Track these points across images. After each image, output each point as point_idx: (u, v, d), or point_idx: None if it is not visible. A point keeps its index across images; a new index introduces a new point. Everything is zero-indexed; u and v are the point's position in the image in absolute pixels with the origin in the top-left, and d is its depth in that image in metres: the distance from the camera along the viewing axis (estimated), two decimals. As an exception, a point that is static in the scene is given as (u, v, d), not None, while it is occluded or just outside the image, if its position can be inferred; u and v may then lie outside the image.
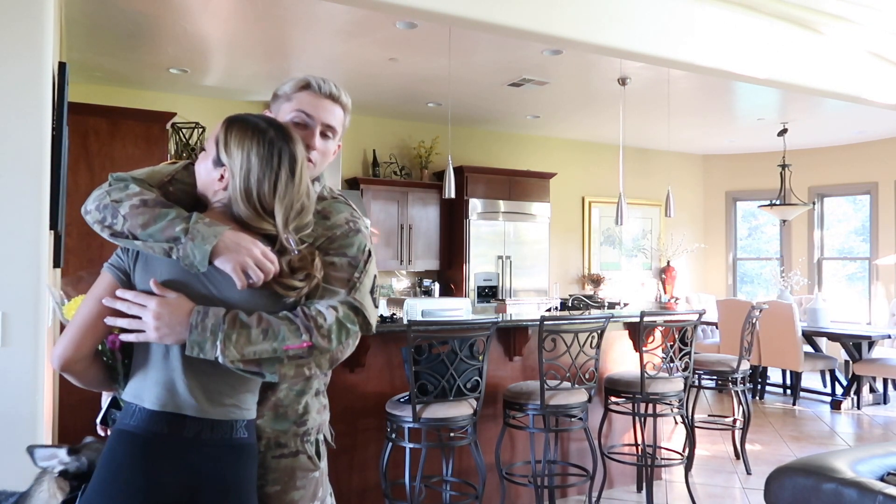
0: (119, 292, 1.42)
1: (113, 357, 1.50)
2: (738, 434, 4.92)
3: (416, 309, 5.90)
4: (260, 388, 1.54)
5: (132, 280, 1.45)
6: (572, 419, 3.78)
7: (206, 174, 1.50)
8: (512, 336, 3.97)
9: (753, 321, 4.84)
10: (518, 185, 7.77)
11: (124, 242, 1.46)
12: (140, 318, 1.39)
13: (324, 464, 1.69)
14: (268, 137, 1.46)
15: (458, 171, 7.24)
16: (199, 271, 1.41)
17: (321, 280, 1.48)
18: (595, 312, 4.97)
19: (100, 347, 1.49)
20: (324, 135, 1.65)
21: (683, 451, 4.46)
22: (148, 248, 1.43)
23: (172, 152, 6.34)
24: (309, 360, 1.43)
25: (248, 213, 1.45)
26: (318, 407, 1.67)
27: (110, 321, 1.41)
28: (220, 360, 1.37)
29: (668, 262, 9.33)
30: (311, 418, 1.65)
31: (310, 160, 1.59)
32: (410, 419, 3.19)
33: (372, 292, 1.58)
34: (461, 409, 3.29)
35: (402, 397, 3.34)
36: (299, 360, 1.42)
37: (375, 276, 1.62)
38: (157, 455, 1.38)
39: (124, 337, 1.42)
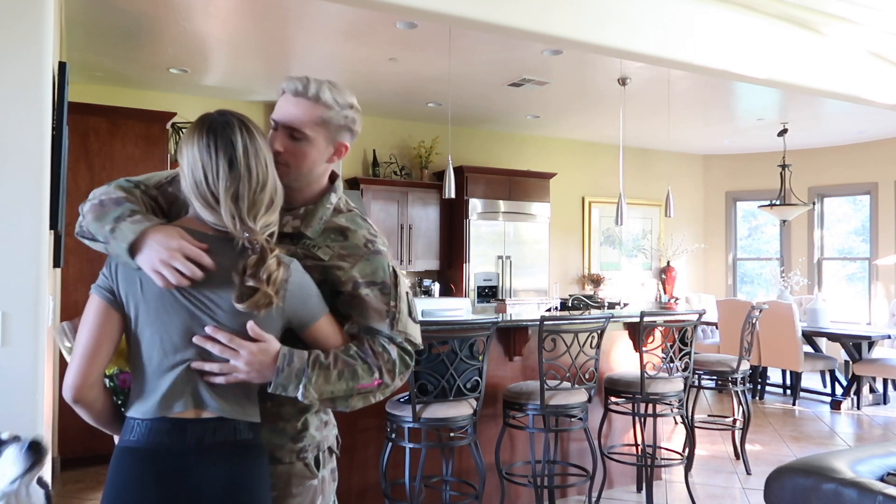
0: (211, 331, 1.38)
1: (125, 395, 1.47)
2: (738, 434, 4.92)
3: (416, 309, 5.89)
4: (258, 398, 1.50)
5: (118, 296, 1.40)
6: (572, 419, 3.78)
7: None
8: (512, 336, 3.97)
9: (753, 321, 4.84)
10: (518, 185, 7.77)
11: (89, 242, 1.46)
12: (228, 358, 1.40)
13: (325, 472, 1.63)
14: (205, 127, 1.40)
15: (458, 171, 7.24)
16: (135, 268, 1.39)
17: (276, 292, 1.37)
18: (595, 312, 4.97)
19: (109, 384, 1.47)
20: (291, 137, 1.54)
21: (683, 451, 4.46)
22: (98, 247, 1.43)
23: (172, 152, 6.35)
24: (376, 393, 1.54)
25: (199, 207, 1.39)
26: (317, 424, 1.61)
27: (196, 366, 1.39)
28: (300, 398, 1.45)
29: (668, 263, 9.33)
30: (309, 435, 1.59)
31: (279, 163, 1.51)
32: (410, 419, 3.19)
33: (410, 313, 1.60)
34: (461, 409, 3.29)
35: (402, 397, 3.34)
36: (368, 394, 1.53)
37: (408, 293, 1.62)
38: (163, 466, 1.35)
39: (216, 379, 1.39)
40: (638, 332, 3.98)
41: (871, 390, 6.84)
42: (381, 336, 1.55)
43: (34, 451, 1.64)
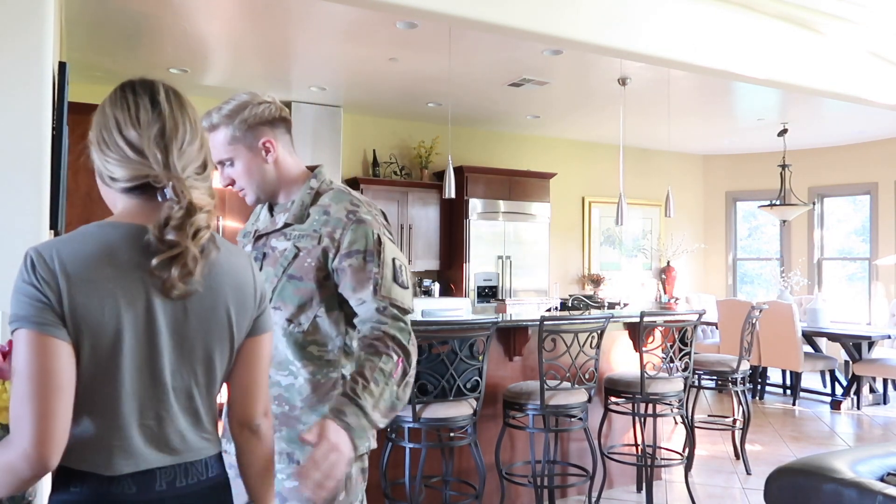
0: (309, 468, 1.33)
1: None
2: (737, 434, 4.92)
3: (416, 309, 5.90)
4: (283, 403, 1.56)
5: (66, 320, 1.08)
6: (572, 419, 3.78)
7: None
8: (512, 336, 3.97)
9: (753, 321, 4.84)
10: (518, 185, 7.77)
11: None
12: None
13: (354, 469, 1.63)
14: (119, 86, 1.25)
15: (458, 171, 7.23)
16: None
17: (202, 252, 1.16)
18: (595, 312, 4.97)
19: None
20: (224, 166, 1.67)
21: (683, 451, 4.46)
22: None
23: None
24: (408, 372, 1.56)
25: (115, 165, 1.18)
26: None
27: (311, 495, 1.34)
28: (379, 427, 1.51)
29: (668, 263, 9.33)
30: None
31: (238, 191, 1.68)
32: (410, 419, 3.19)
33: (396, 278, 1.60)
34: (461, 409, 3.29)
35: (402, 397, 3.33)
36: (403, 378, 1.54)
37: (395, 259, 1.63)
38: None
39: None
40: (638, 332, 3.98)
41: (871, 390, 6.84)
42: (371, 319, 1.57)
43: None
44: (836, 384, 6.97)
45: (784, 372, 7.31)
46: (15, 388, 1.06)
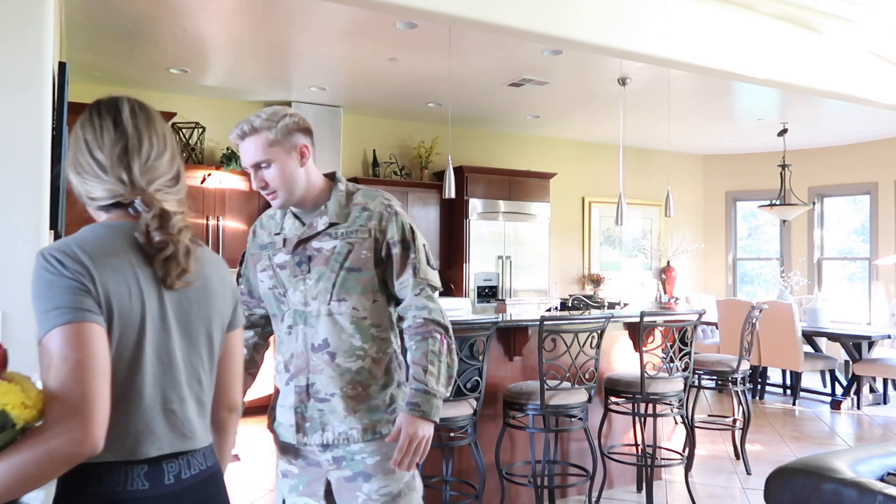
0: (398, 459, 1.76)
1: None
2: (738, 434, 4.92)
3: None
4: (356, 386, 1.81)
5: (101, 305, 1.12)
6: (572, 419, 3.77)
7: None
8: (512, 336, 3.97)
9: (753, 321, 4.84)
10: (518, 185, 7.77)
11: None
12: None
13: None
14: (88, 107, 1.28)
15: (458, 171, 7.23)
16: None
17: (191, 249, 1.26)
18: (595, 312, 4.96)
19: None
20: (260, 168, 1.80)
21: (683, 451, 4.46)
22: None
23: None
24: (451, 345, 1.89)
25: (92, 185, 1.23)
26: (402, 396, 1.89)
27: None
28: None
29: (668, 263, 9.33)
30: (399, 406, 1.88)
31: (271, 194, 1.82)
32: (410, 419, 3.19)
33: (428, 261, 1.90)
34: (461, 409, 3.29)
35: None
36: (450, 347, 1.88)
37: (424, 245, 1.91)
38: None
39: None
40: (638, 332, 3.98)
41: (871, 390, 6.84)
42: (411, 306, 1.86)
43: None
44: (836, 384, 6.97)
45: (784, 372, 7.31)
46: (61, 375, 1.07)
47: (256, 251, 1.96)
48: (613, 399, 4.05)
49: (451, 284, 7.54)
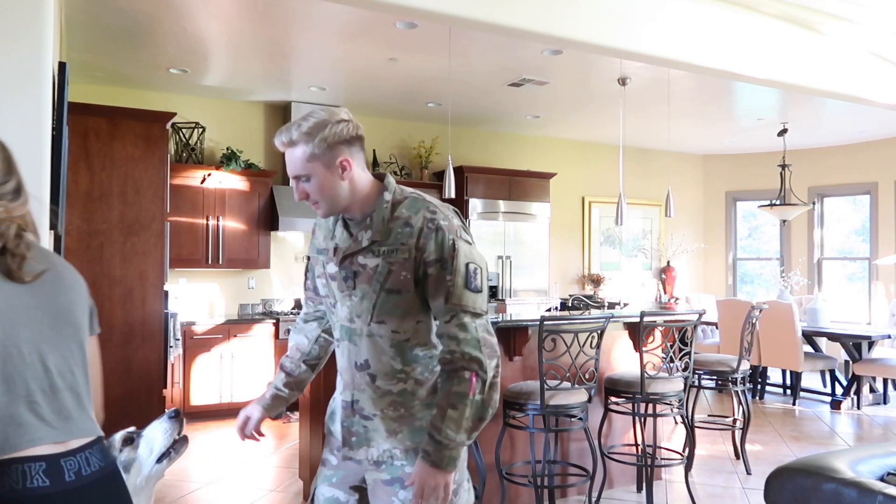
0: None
1: None
2: (738, 434, 4.92)
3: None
4: (398, 408, 1.74)
5: None
6: (572, 419, 3.77)
7: None
8: (512, 336, 3.97)
9: (753, 321, 4.84)
10: (518, 185, 7.77)
11: None
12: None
13: (464, 461, 1.82)
14: None
15: (458, 171, 7.24)
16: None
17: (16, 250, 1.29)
18: (595, 312, 4.96)
19: None
20: (301, 181, 1.71)
21: (683, 451, 4.46)
22: None
23: (172, 152, 6.35)
24: (485, 381, 1.67)
25: None
26: None
27: None
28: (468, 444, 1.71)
29: (668, 263, 9.33)
30: None
31: (314, 204, 1.74)
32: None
33: (468, 284, 1.69)
34: (461, 409, 3.28)
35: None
36: (483, 389, 1.67)
37: (469, 264, 1.70)
38: None
39: None
40: (638, 332, 3.98)
41: (871, 390, 6.84)
42: (444, 335, 1.69)
43: (177, 419, 1.74)
44: (836, 384, 6.97)
45: (784, 372, 7.31)
46: None
47: (314, 255, 1.90)
48: (613, 399, 4.05)
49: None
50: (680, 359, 4.03)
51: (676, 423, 5.76)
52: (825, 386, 7.31)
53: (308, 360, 2.03)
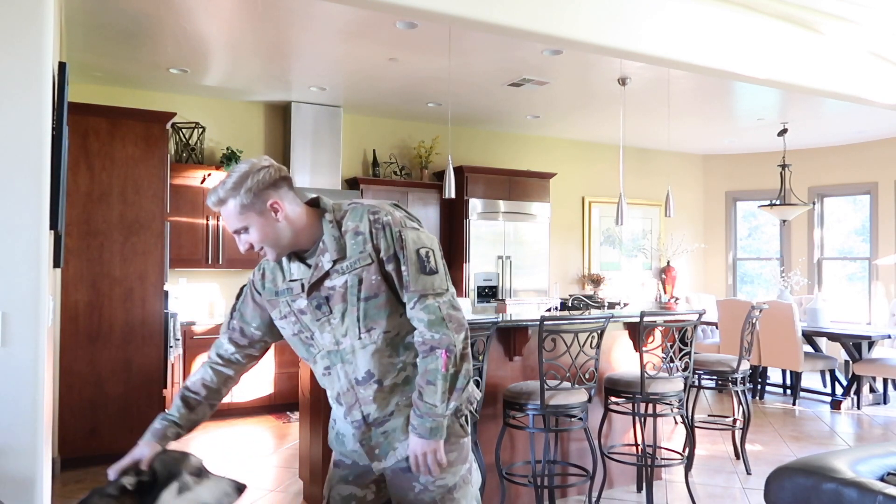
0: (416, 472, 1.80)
1: None
2: (738, 434, 4.92)
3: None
4: (407, 395, 1.82)
5: None
6: (572, 419, 3.77)
7: None
8: (512, 336, 3.97)
9: (753, 321, 4.84)
10: (518, 185, 7.77)
11: None
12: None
13: (467, 439, 1.93)
14: None
15: (458, 171, 7.24)
16: None
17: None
18: (595, 312, 4.96)
19: None
20: (240, 233, 1.77)
21: (683, 451, 4.46)
22: None
23: (172, 152, 6.35)
24: (455, 354, 1.78)
25: None
26: None
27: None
28: (453, 410, 1.82)
29: (668, 262, 9.33)
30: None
31: (261, 252, 1.80)
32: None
33: (423, 268, 1.78)
34: (461, 409, 3.28)
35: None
36: (458, 356, 1.78)
37: (418, 249, 1.79)
38: None
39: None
40: (638, 332, 3.98)
41: (871, 390, 6.84)
42: (413, 318, 1.78)
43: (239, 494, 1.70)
44: (836, 384, 6.97)
45: (784, 372, 7.31)
46: None
47: (272, 297, 1.90)
48: (613, 399, 4.05)
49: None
50: (680, 359, 4.03)
51: (676, 423, 5.77)
52: (825, 386, 7.31)
53: (211, 400, 1.95)
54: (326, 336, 1.83)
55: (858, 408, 6.60)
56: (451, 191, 5.14)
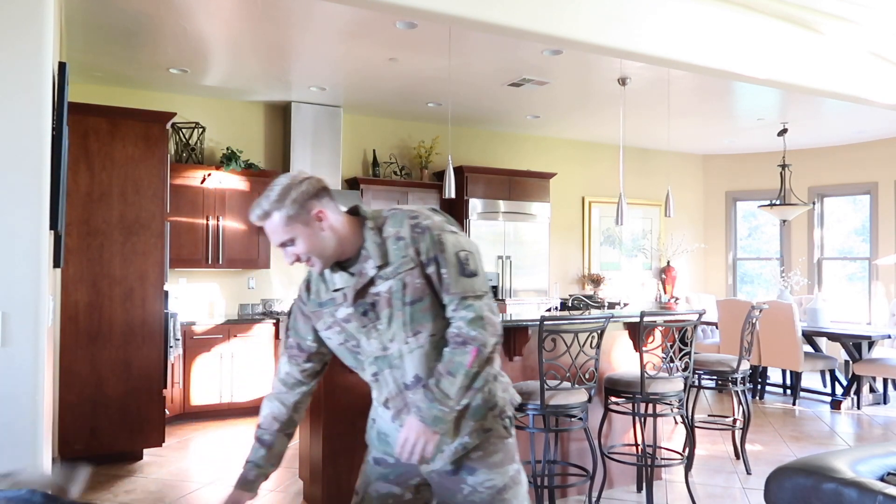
0: (400, 451, 1.77)
1: None
2: (738, 434, 4.92)
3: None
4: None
5: None
6: (572, 419, 3.77)
7: None
8: (512, 336, 3.97)
9: (753, 321, 4.84)
10: (518, 185, 7.77)
11: None
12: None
13: (512, 440, 1.94)
14: None
15: (458, 171, 7.24)
16: None
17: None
18: (595, 312, 4.96)
19: None
20: (286, 245, 1.77)
21: (683, 451, 4.46)
22: None
23: (172, 152, 6.35)
24: (484, 355, 1.77)
25: None
26: (501, 388, 1.95)
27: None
28: (460, 406, 1.80)
29: (668, 262, 9.33)
30: (499, 398, 1.93)
31: (308, 263, 1.80)
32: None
33: (462, 271, 1.80)
34: (461, 409, 3.28)
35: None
36: (486, 359, 1.78)
37: (458, 252, 1.81)
38: None
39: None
40: (638, 332, 3.98)
41: (871, 390, 6.84)
42: (452, 318, 1.80)
43: None
44: (836, 384, 6.97)
45: (784, 372, 7.31)
46: None
47: (316, 309, 1.91)
48: (613, 399, 4.05)
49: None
50: (680, 359, 4.03)
51: (676, 423, 5.76)
52: (825, 386, 7.31)
53: (286, 430, 2.00)
54: (373, 342, 1.84)
55: (858, 408, 6.60)
56: (450, 191, 5.14)
